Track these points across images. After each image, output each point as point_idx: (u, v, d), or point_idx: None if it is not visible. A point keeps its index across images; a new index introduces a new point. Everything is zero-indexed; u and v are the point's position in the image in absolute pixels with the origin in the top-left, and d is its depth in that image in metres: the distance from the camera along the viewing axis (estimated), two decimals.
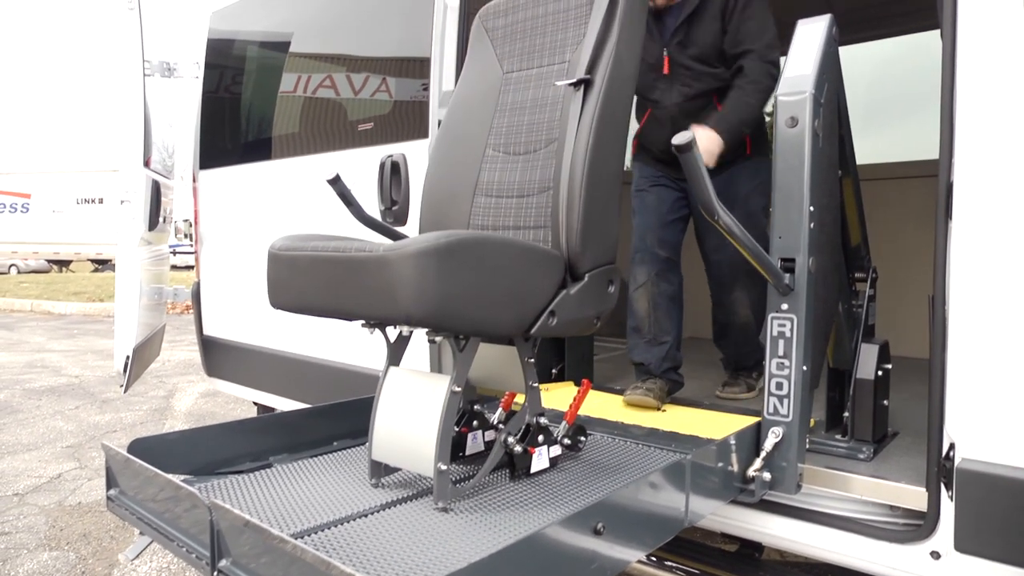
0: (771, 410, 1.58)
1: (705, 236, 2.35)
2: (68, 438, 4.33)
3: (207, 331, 3.42)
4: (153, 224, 3.29)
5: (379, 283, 1.23)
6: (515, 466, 1.52)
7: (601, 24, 1.51)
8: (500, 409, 1.73)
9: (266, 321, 3.03)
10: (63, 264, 22.30)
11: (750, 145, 2.28)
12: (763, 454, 1.56)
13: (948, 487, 1.42)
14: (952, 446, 1.40)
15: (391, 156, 1.94)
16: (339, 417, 1.83)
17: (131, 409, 5.10)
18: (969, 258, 1.37)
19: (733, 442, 1.55)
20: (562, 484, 1.51)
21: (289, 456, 1.71)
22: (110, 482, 1.46)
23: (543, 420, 1.55)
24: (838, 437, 1.83)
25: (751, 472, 1.56)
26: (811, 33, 1.61)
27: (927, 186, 1.63)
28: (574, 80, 1.49)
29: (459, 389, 1.36)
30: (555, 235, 1.49)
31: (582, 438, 1.68)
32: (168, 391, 5.74)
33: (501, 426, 1.67)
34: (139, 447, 1.48)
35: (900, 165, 3.40)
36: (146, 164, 3.18)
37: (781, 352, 1.56)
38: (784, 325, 1.56)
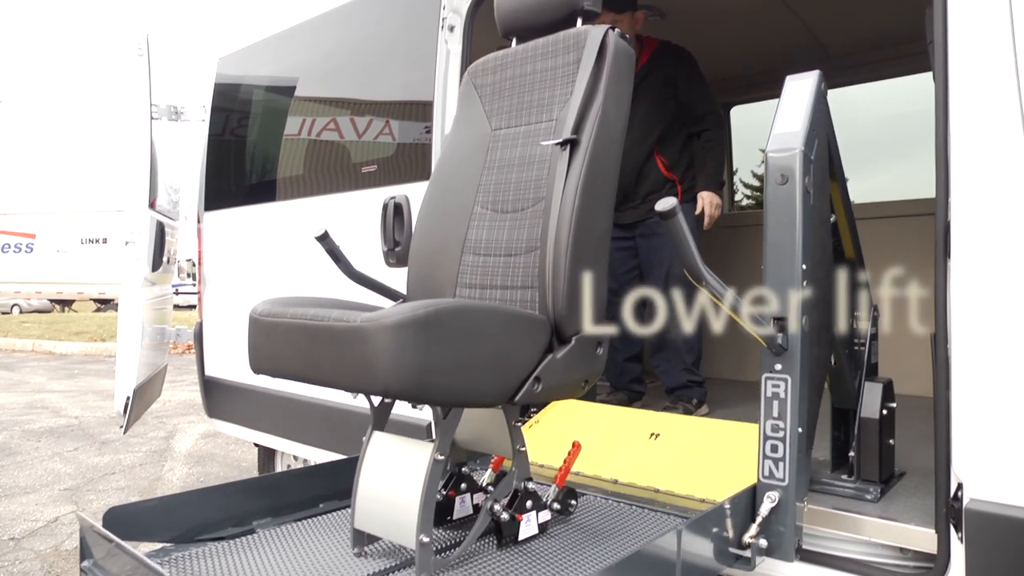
0: (766, 473, 1.53)
1: (647, 273, 2.85)
2: (66, 480, 4.28)
3: (209, 372, 3.42)
4: (157, 265, 3.31)
5: (356, 354, 1.20)
6: (502, 533, 1.48)
7: (588, 82, 1.49)
8: (490, 469, 1.69)
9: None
10: (66, 304, 22.33)
11: (681, 192, 2.80)
12: (759, 520, 1.50)
13: (957, 528, 1.40)
14: (960, 486, 1.39)
15: (394, 197, 1.96)
16: (325, 478, 1.78)
17: (130, 451, 5.06)
18: (969, 297, 1.38)
19: (728, 507, 1.49)
20: (551, 552, 1.47)
21: (273, 520, 1.66)
22: (84, 553, 1.41)
23: (531, 486, 1.52)
24: (844, 477, 1.81)
25: (747, 539, 1.50)
26: (800, 89, 1.60)
27: (927, 224, 1.65)
28: (560, 140, 1.48)
29: (443, 457, 1.33)
30: (542, 296, 1.46)
31: (573, 502, 1.64)
32: (168, 432, 5.69)
33: (491, 488, 1.63)
34: (115, 516, 1.44)
35: (901, 203, 3.43)
36: (151, 206, 3.22)
37: (775, 413, 1.51)
38: (778, 386, 1.52)
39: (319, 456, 2.82)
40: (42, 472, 4.47)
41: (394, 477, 1.38)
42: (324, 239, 1.78)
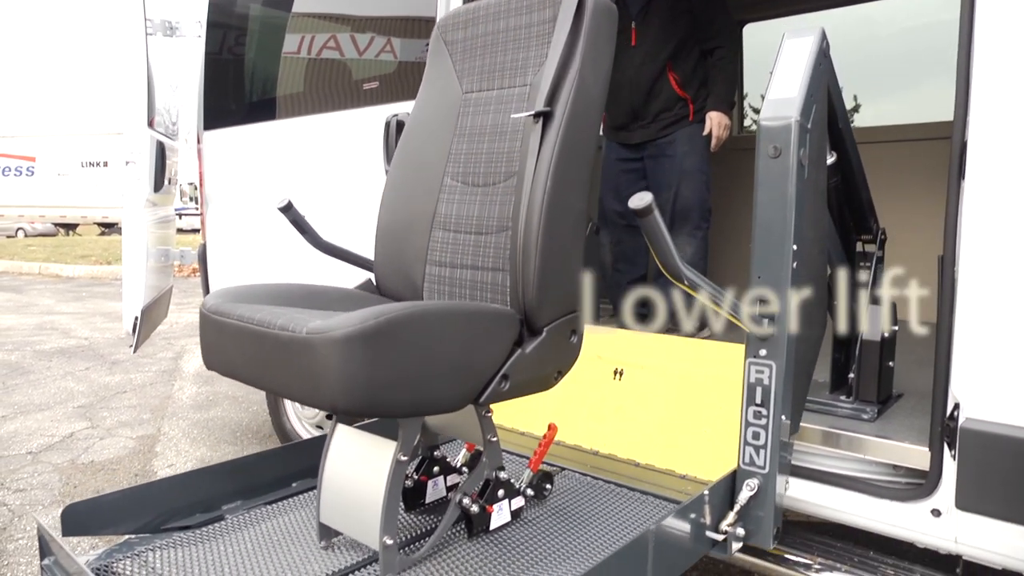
0: (747, 460, 1.49)
1: (656, 194, 2.79)
2: (79, 398, 4.39)
3: None
4: (158, 186, 3.29)
5: (303, 367, 1.12)
6: (473, 524, 1.44)
7: (564, 45, 1.36)
8: (464, 450, 1.66)
9: (272, 281, 3.04)
10: (69, 227, 22.35)
11: (692, 111, 2.73)
12: (737, 507, 1.47)
13: (951, 447, 1.43)
14: (957, 406, 1.41)
15: (396, 115, 1.92)
16: (296, 456, 1.75)
17: (140, 370, 5.16)
18: (981, 218, 1.36)
19: (706, 495, 1.45)
20: (524, 541, 1.45)
21: (243, 504, 1.63)
22: (43, 551, 1.39)
23: (503, 475, 1.47)
24: (843, 398, 1.84)
25: (724, 526, 1.47)
26: (798, 50, 1.48)
27: (936, 149, 1.60)
28: (532, 112, 1.36)
29: (405, 458, 1.29)
30: (514, 280, 1.37)
31: (548, 486, 1.61)
32: (176, 353, 5.79)
33: (464, 470, 1.60)
34: (76, 511, 1.42)
35: (913, 127, 3.35)
36: (150, 124, 3.16)
37: (758, 400, 1.46)
38: (762, 372, 1.46)
39: None
40: (55, 390, 4.58)
41: (357, 476, 1.34)
42: (288, 210, 1.68)
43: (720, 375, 1.76)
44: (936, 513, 1.48)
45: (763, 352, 1.46)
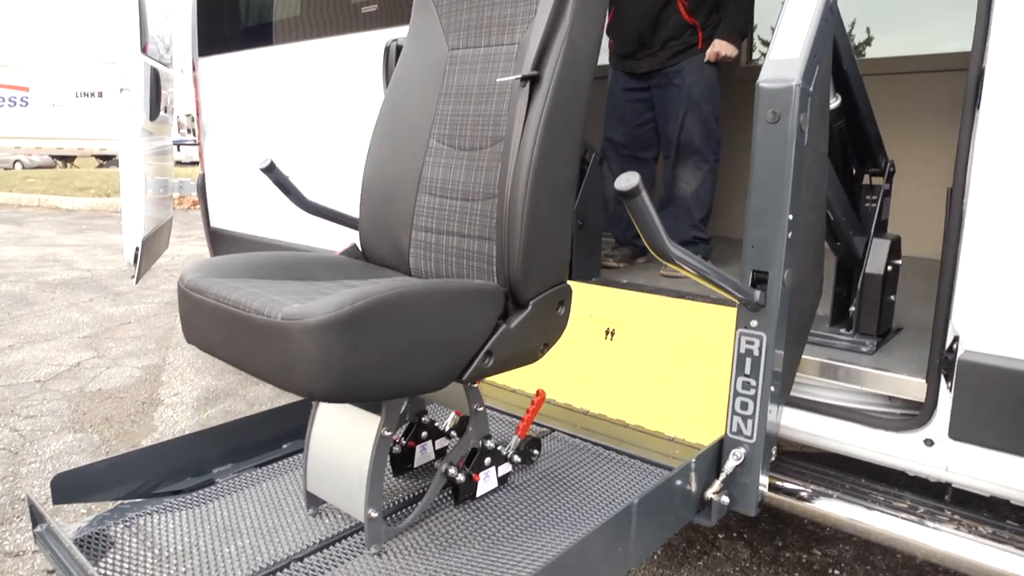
0: (734, 430, 1.48)
1: (663, 126, 2.77)
2: (84, 329, 4.43)
3: (214, 223, 3.43)
4: (154, 114, 3.23)
5: (278, 352, 1.09)
6: (459, 492, 1.44)
7: (553, 3, 1.30)
8: (452, 413, 1.66)
9: (271, 212, 3.02)
10: (67, 160, 22.12)
11: (701, 40, 2.65)
12: (723, 476, 1.47)
13: (948, 378, 1.44)
14: (956, 339, 1.42)
15: (396, 40, 1.87)
16: (286, 419, 1.75)
17: (144, 302, 5.19)
18: (994, 148, 1.33)
19: (693, 463, 1.44)
20: (510, 507, 1.45)
21: (234, 467, 1.63)
22: (35, 519, 1.39)
23: (490, 444, 1.47)
24: (842, 331, 1.84)
25: (709, 494, 1.46)
26: (803, 5, 1.41)
27: (949, 80, 1.55)
28: (519, 76, 1.30)
29: (390, 433, 1.29)
30: (500, 252, 1.33)
31: (535, 451, 1.61)
32: None
33: (453, 434, 1.60)
34: (65, 481, 1.41)
35: (925, 58, 3.26)
36: (143, 51, 3.08)
37: (748, 371, 1.45)
38: (752, 343, 1.43)
39: None
40: (60, 321, 4.61)
41: (342, 448, 1.33)
42: (271, 170, 1.63)
43: (712, 338, 1.76)
44: (929, 443, 1.51)
45: (754, 323, 1.43)
